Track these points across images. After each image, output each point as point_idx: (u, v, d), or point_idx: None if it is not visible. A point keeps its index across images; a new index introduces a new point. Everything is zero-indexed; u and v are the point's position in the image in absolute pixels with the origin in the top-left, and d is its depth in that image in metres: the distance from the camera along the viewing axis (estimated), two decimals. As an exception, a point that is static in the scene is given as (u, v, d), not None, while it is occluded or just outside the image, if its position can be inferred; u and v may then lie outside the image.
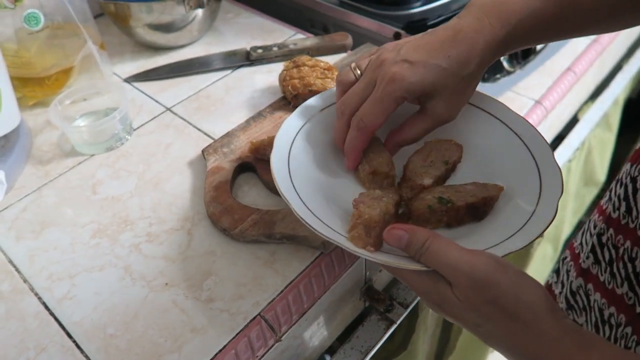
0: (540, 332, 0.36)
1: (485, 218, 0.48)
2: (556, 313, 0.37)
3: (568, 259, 0.65)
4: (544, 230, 0.43)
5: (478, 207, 0.47)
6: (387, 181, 0.52)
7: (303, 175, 0.50)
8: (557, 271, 0.68)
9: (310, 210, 0.46)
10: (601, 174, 1.28)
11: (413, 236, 0.40)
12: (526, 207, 0.47)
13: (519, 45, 0.49)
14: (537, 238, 0.43)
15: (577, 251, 0.63)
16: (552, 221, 0.44)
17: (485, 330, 0.39)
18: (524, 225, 0.45)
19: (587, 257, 0.59)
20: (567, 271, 0.64)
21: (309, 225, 0.43)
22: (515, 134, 0.53)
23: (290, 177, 0.49)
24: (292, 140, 0.53)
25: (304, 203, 0.46)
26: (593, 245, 0.58)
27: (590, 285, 0.58)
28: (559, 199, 0.46)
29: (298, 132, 0.54)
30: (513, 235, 0.44)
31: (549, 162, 0.49)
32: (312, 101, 0.56)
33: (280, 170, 0.49)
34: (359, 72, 0.50)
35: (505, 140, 0.53)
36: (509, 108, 0.54)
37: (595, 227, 0.59)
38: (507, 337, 0.38)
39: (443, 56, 0.46)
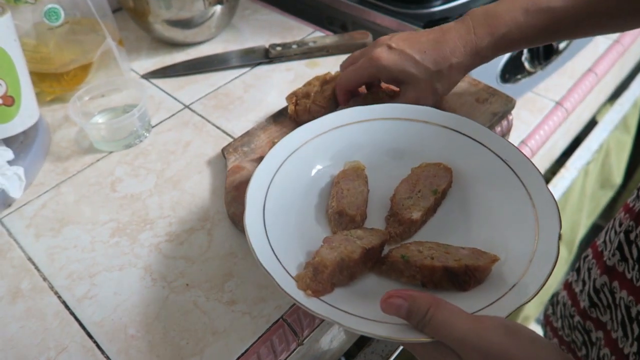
0: None
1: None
2: None
3: (590, 257, 0.64)
4: (549, 275, 0.40)
5: (458, 275, 0.42)
6: (352, 225, 0.48)
7: (279, 225, 0.47)
8: (577, 270, 0.67)
9: (275, 255, 0.43)
10: (618, 177, 1.27)
11: (413, 305, 0.37)
12: (522, 254, 0.43)
13: (505, 52, 0.57)
14: (543, 285, 0.40)
15: (600, 249, 0.62)
16: (555, 262, 0.41)
17: None
18: (523, 275, 0.41)
19: (613, 255, 0.58)
20: (589, 269, 0.63)
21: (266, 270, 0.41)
22: (505, 162, 0.50)
23: (265, 229, 0.46)
24: (266, 189, 0.49)
25: (271, 247, 0.44)
26: (620, 243, 0.57)
27: (615, 283, 0.57)
28: (559, 236, 0.43)
29: (271, 181, 0.50)
30: (512, 287, 0.41)
31: (543, 192, 0.46)
32: (278, 147, 0.52)
33: (255, 225, 0.45)
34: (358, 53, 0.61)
35: (495, 169, 0.50)
36: (495, 133, 0.52)
37: (621, 225, 0.58)
38: None
39: (420, 51, 0.55)
